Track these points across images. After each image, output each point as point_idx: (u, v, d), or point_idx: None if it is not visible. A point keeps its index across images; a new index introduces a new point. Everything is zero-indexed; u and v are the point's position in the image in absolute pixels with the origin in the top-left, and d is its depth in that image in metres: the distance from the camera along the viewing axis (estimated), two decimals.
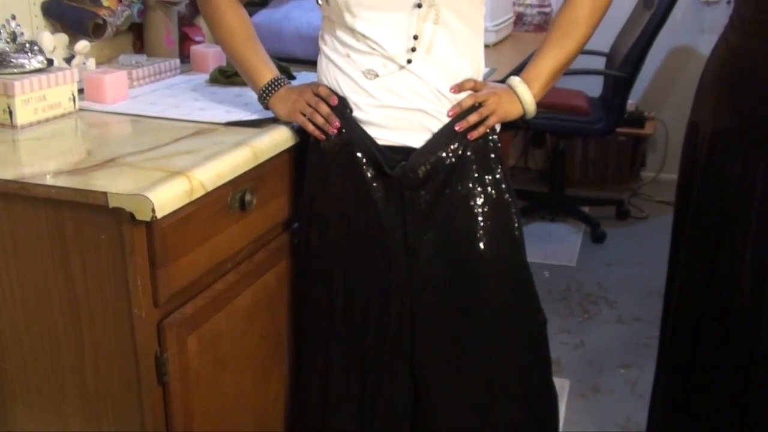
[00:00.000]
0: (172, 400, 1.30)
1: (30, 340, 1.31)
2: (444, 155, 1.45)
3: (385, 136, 1.46)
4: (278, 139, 1.49)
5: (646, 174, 4.25)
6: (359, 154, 1.46)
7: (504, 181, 1.50)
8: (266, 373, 1.58)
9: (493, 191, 1.48)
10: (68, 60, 1.75)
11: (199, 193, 1.26)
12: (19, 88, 1.45)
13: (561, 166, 3.81)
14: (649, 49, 3.30)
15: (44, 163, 1.32)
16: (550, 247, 3.51)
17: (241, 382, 1.50)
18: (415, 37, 1.40)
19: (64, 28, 1.82)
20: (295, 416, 1.67)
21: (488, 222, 1.48)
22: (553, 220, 3.79)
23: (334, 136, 1.46)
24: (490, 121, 1.47)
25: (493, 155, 1.49)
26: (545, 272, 3.24)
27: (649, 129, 4.08)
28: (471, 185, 1.47)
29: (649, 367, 2.17)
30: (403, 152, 1.46)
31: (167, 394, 1.30)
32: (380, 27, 1.40)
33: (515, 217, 1.51)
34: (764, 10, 1.68)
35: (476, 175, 1.47)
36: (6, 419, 1.38)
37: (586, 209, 3.80)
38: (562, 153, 3.79)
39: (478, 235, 1.48)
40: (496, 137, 1.51)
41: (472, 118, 1.45)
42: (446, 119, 1.45)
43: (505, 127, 1.59)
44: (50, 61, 1.57)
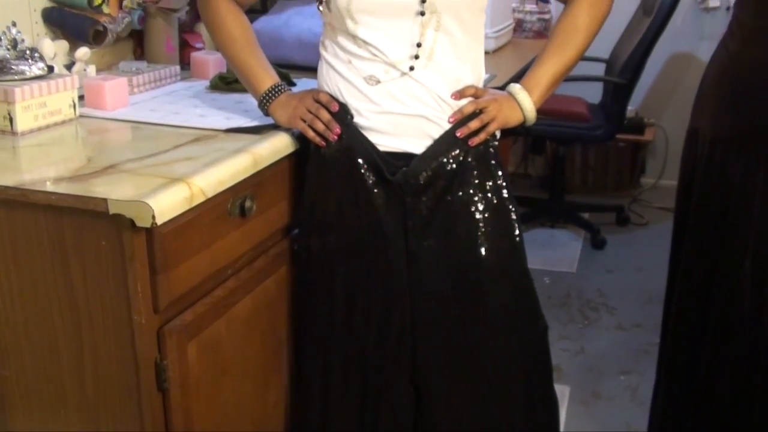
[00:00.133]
0: (172, 407, 1.30)
1: (30, 347, 1.31)
2: (445, 161, 1.45)
3: (386, 142, 1.46)
4: (278, 146, 1.49)
5: (646, 180, 4.25)
6: (360, 161, 1.46)
7: (504, 188, 1.50)
8: (266, 380, 1.58)
9: (494, 197, 1.48)
10: (69, 67, 1.75)
11: (199, 200, 1.26)
12: (20, 94, 1.45)
13: (561, 173, 3.81)
14: (649, 55, 3.31)
15: (44, 170, 1.32)
16: (550, 253, 3.51)
17: (241, 389, 1.49)
18: (418, 45, 1.40)
19: (65, 35, 1.82)
20: (296, 423, 1.67)
21: (489, 228, 1.48)
22: (553, 227, 3.79)
23: (334, 142, 1.46)
24: (491, 128, 1.47)
25: (493, 161, 1.49)
26: (545, 278, 3.24)
27: (648, 135, 4.08)
28: (472, 191, 1.47)
29: (650, 374, 2.16)
30: (404, 158, 1.46)
31: (167, 401, 1.30)
32: (382, 33, 1.40)
33: (516, 223, 1.51)
34: (763, 17, 1.68)
35: (477, 182, 1.48)
36: (6, 426, 1.38)
37: (586, 215, 3.80)
38: (562, 159, 3.79)
39: (479, 242, 1.48)
40: (496, 143, 1.51)
41: (473, 125, 1.45)
42: (447, 125, 1.45)
43: (505, 134, 1.59)
44: (51, 68, 1.57)
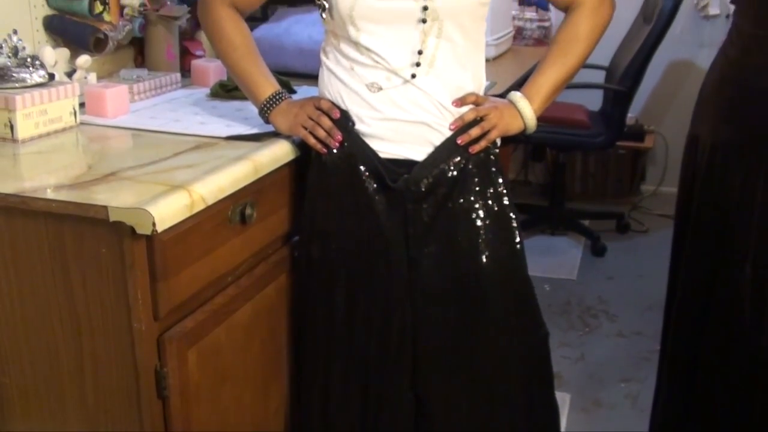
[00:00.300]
0: (172, 414, 1.30)
1: (30, 354, 1.31)
2: (446, 168, 1.45)
3: (387, 148, 1.46)
4: (279, 153, 1.49)
5: (646, 187, 4.24)
6: (362, 167, 1.46)
7: (505, 195, 1.50)
8: (266, 387, 1.58)
9: (495, 204, 1.49)
10: (69, 74, 1.76)
11: (200, 207, 1.26)
12: (21, 102, 1.45)
13: (561, 180, 3.81)
14: (649, 62, 3.31)
15: (45, 177, 1.32)
16: (551, 260, 3.51)
17: (242, 396, 1.49)
18: (420, 52, 1.40)
19: (66, 43, 1.83)
20: (296, 430, 1.67)
21: (490, 235, 1.48)
22: (553, 234, 3.78)
23: (336, 149, 1.46)
24: (492, 135, 1.47)
25: (494, 169, 1.49)
26: (546, 286, 3.23)
27: (648, 142, 4.08)
28: (472, 198, 1.47)
29: (651, 381, 2.16)
30: (406, 165, 1.46)
31: (167, 408, 1.29)
32: (384, 41, 1.41)
33: (516, 230, 1.51)
34: (763, 25, 1.69)
35: (478, 189, 1.48)
36: None
37: (586, 223, 3.79)
38: (562, 166, 3.79)
39: (480, 248, 1.48)
40: (497, 151, 1.51)
41: (474, 132, 1.46)
42: (448, 132, 1.45)
43: (505, 141, 1.59)
44: (51, 76, 1.57)
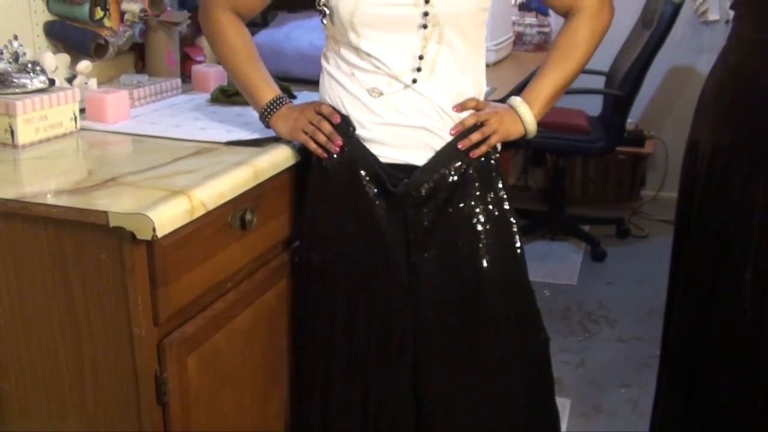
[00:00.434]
0: (172, 420, 1.30)
1: (29, 359, 1.31)
2: (446, 173, 1.45)
3: (388, 153, 1.46)
4: (279, 159, 1.49)
5: (646, 193, 4.25)
6: (362, 172, 1.46)
7: (505, 200, 1.50)
8: (266, 393, 1.58)
9: (495, 209, 1.49)
10: (70, 80, 1.76)
11: (200, 212, 1.26)
12: (21, 107, 1.46)
13: (561, 185, 3.81)
14: (648, 68, 3.31)
15: (45, 183, 1.32)
16: (551, 265, 3.51)
17: (242, 402, 1.49)
18: (420, 57, 1.40)
19: (66, 49, 1.83)
20: None
21: (490, 240, 1.48)
22: (553, 239, 3.78)
23: (336, 154, 1.46)
24: (492, 140, 1.48)
25: (494, 174, 1.49)
26: (546, 291, 3.23)
27: (648, 148, 4.09)
28: (473, 203, 1.47)
29: (651, 387, 2.16)
30: (406, 170, 1.46)
31: (167, 414, 1.29)
32: (385, 46, 1.41)
33: (517, 235, 1.51)
34: (762, 30, 1.69)
35: (478, 194, 1.48)
36: None
37: (586, 228, 3.80)
38: (562, 172, 3.80)
39: (480, 253, 1.48)
40: (497, 156, 1.51)
41: (475, 137, 1.46)
42: (449, 137, 1.46)
43: (505, 146, 1.59)
44: (52, 81, 1.58)
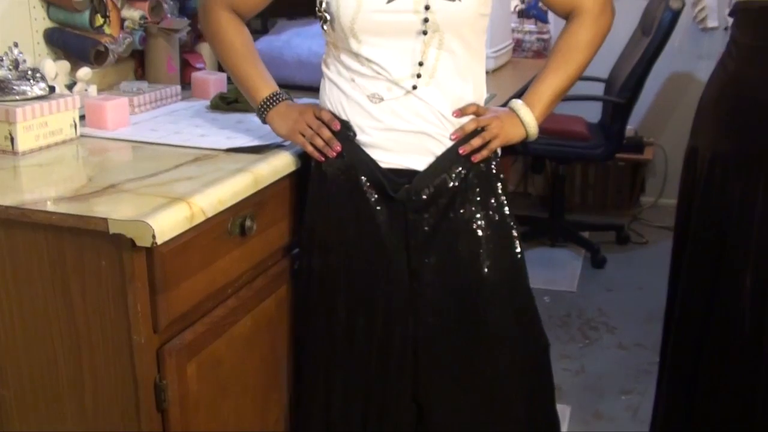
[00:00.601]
0: (172, 427, 1.29)
1: (29, 366, 1.31)
2: (447, 178, 1.45)
3: (388, 159, 1.46)
4: (279, 165, 1.49)
5: (646, 199, 4.25)
6: (363, 178, 1.46)
7: (506, 205, 1.50)
8: (266, 400, 1.57)
9: (496, 215, 1.49)
10: (70, 87, 1.76)
11: (200, 219, 1.26)
12: (21, 114, 1.46)
13: (561, 192, 3.81)
14: (648, 75, 3.32)
15: (45, 190, 1.32)
16: (551, 272, 3.50)
17: (241, 409, 1.49)
18: (420, 64, 1.41)
19: (66, 56, 1.83)
20: None
21: (491, 245, 1.48)
22: (553, 246, 3.78)
23: (336, 160, 1.46)
24: (493, 145, 1.48)
25: (495, 179, 1.49)
26: (545, 297, 3.23)
27: (648, 154, 4.09)
28: (474, 208, 1.47)
29: (651, 393, 2.15)
30: (407, 175, 1.46)
31: (166, 421, 1.29)
32: (385, 52, 1.41)
33: (517, 240, 1.51)
34: (761, 37, 1.69)
35: (479, 199, 1.48)
36: None
37: (586, 234, 3.79)
38: (561, 178, 3.80)
39: (481, 259, 1.48)
40: (498, 161, 1.51)
41: (476, 142, 1.46)
42: (449, 142, 1.46)
43: (505, 152, 1.59)
44: (52, 88, 1.58)
